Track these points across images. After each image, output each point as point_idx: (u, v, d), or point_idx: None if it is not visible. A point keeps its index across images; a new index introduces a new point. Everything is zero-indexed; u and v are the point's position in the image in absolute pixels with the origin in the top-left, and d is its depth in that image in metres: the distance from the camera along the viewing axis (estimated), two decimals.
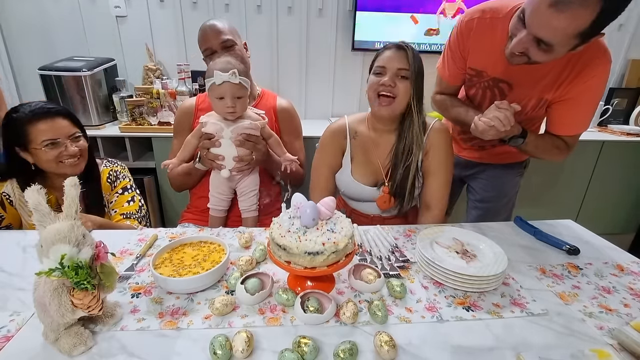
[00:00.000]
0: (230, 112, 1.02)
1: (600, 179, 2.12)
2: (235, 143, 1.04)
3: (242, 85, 1.00)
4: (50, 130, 0.99)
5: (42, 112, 0.99)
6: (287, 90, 2.26)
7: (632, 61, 2.38)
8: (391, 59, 1.00)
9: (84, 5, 2.00)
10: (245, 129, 1.05)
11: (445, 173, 1.10)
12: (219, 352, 0.55)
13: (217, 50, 1.20)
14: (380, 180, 1.12)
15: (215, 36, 1.19)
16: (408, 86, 1.00)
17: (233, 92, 0.99)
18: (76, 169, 1.04)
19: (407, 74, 0.99)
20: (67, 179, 0.58)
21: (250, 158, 1.08)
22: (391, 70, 1.00)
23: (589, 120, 1.08)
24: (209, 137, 1.05)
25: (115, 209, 1.15)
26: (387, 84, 0.99)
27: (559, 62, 0.97)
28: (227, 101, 1.00)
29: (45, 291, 0.54)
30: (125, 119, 1.89)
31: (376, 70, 1.03)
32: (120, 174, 1.19)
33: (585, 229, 1.06)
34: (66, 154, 1.01)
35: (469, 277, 0.72)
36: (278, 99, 1.33)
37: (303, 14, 2.12)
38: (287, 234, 0.68)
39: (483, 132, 1.00)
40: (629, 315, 0.70)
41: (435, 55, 2.24)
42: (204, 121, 1.05)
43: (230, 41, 1.21)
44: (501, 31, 0.98)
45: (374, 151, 1.13)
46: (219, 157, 1.06)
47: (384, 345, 0.57)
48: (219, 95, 1.00)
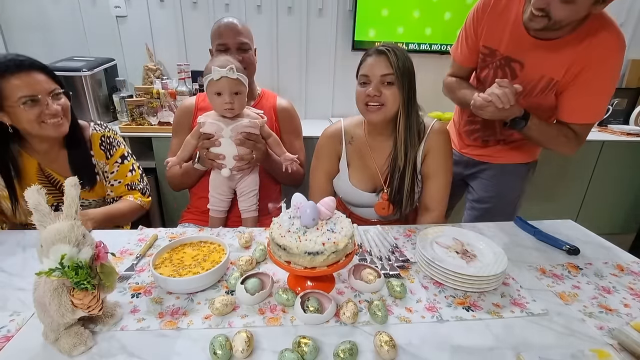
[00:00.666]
0: (229, 109, 1.01)
1: (600, 179, 2.12)
2: (236, 142, 1.04)
3: (240, 81, 1.00)
4: (26, 85, 0.89)
5: (14, 64, 0.89)
6: (287, 90, 2.26)
7: (632, 61, 2.38)
8: (373, 66, 0.97)
9: (84, 5, 2.00)
10: (245, 128, 1.04)
11: (445, 175, 1.08)
12: (219, 352, 0.55)
13: (232, 49, 1.19)
14: (379, 186, 1.11)
15: (234, 35, 1.19)
16: (395, 91, 0.97)
17: (231, 88, 0.99)
18: (60, 130, 0.95)
19: (392, 79, 0.96)
20: (67, 179, 0.58)
21: (250, 157, 1.08)
22: (375, 78, 0.97)
23: (600, 110, 1.06)
24: (208, 137, 1.04)
25: (119, 180, 1.12)
26: (372, 94, 0.97)
27: (571, 41, 0.97)
28: (225, 97, 0.99)
29: (45, 291, 0.54)
30: (125, 119, 1.89)
31: (361, 80, 1.01)
32: (114, 140, 1.13)
33: (585, 229, 1.06)
34: (48, 112, 0.92)
35: (469, 277, 0.72)
36: (278, 99, 1.33)
37: (303, 14, 2.12)
38: (287, 234, 0.68)
39: (481, 107, 1.00)
40: (629, 315, 0.70)
41: (435, 55, 2.25)
42: (201, 121, 1.05)
43: (247, 45, 1.22)
44: (517, 7, 1.00)
45: (370, 156, 1.11)
46: (220, 157, 1.05)
47: (384, 345, 0.57)
48: (217, 91, 0.99)
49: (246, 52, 1.21)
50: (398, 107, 1.00)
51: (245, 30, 1.22)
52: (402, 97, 0.98)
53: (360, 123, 1.15)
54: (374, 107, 0.99)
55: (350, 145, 1.13)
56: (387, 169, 1.09)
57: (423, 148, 1.06)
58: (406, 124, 1.01)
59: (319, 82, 2.29)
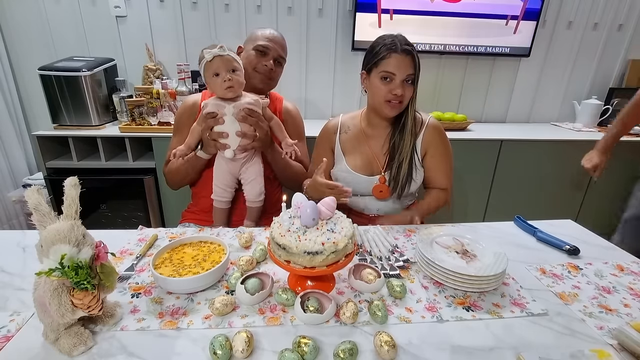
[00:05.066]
0: (228, 87, 1.02)
1: (600, 179, 2.11)
2: (238, 118, 1.05)
3: (232, 58, 1.02)
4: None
5: None
6: (287, 90, 2.26)
7: (632, 61, 2.38)
8: (400, 66, 1.02)
9: (84, 5, 2.00)
10: (247, 104, 1.06)
11: (448, 162, 1.18)
12: (219, 352, 0.55)
13: (269, 56, 1.20)
14: (377, 171, 1.15)
15: (278, 48, 1.21)
16: (412, 88, 1.06)
17: (226, 65, 1.01)
18: None
19: (413, 78, 1.04)
20: (67, 179, 0.58)
21: (253, 134, 1.08)
22: (400, 78, 1.03)
23: None
24: (212, 116, 1.06)
25: None
26: (400, 93, 1.03)
27: None
28: (223, 75, 1.01)
29: (45, 291, 0.54)
30: (125, 119, 1.89)
31: (384, 75, 1.03)
32: None
33: (585, 229, 1.06)
34: None
35: (469, 277, 0.72)
36: (284, 102, 1.34)
37: (303, 14, 2.12)
38: (287, 233, 0.68)
39: None
40: (629, 315, 0.70)
41: (435, 55, 2.25)
42: (205, 104, 1.07)
43: (284, 61, 1.25)
44: None
45: (367, 142, 1.16)
46: (223, 135, 1.06)
47: (384, 345, 0.57)
48: (214, 72, 1.01)
49: (279, 66, 1.24)
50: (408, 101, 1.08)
51: (285, 48, 1.26)
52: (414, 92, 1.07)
53: (357, 115, 1.21)
54: (395, 104, 1.06)
55: (345, 134, 1.19)
56: (386, 154, 1.14)
57: (421, 141, 1.13)
58: (411, 115, 1.10)
59: (319, 82, 2.29)
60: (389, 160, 1.13)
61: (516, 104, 2.48)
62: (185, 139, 1.14)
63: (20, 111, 2.13)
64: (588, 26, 2.31)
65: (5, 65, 2.02)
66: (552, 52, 2.36)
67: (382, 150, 1.15)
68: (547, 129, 2.29)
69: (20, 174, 2.14)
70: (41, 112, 2.11)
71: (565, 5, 2.24)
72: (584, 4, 2.25)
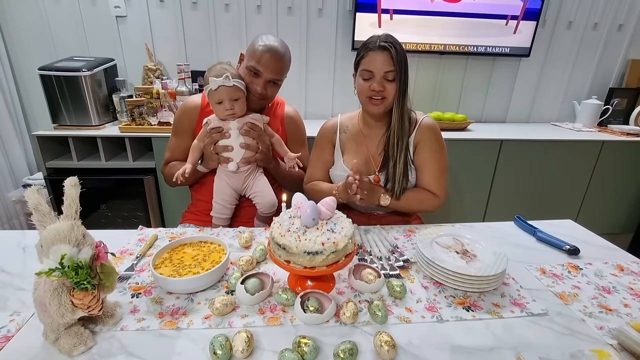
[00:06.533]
0: (230, 114, 1.07)
1: (600, 179, 2.11)
2: (242, 132, 1.09)
3: (237, 87, 1.05)
4: None
5: None
6: (287, 90, 2.24)
7: (632, 61, 2.38)
8: (376, 62, 1.01)
9: (84, 5, 2.00)
10: (250, 119, 1.10)
11: (439, 162, 1.10)
12: (219, 352, 0.55)
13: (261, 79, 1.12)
14: (372, 171, 1.15)
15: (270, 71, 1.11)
16: (395, 84, 1.03)
17: (230, 95, 1.04)
18: None
19: (393, 75, 1.02)
20: (67, 179, 0.58)
21: (256, 147, 1.11)
22: (379, 74, 1.02)
23: None
24: (217, 130, 1.09)
25: None
26: (377, 89, 1.02)
27: None
28: (226, 104, 1.05)
29: (45, 291, 0.54)
30: (125, 119, 1.89)
31: (364, 75, 1.05)
32: None
33: (585, 229, 1.06)
34: None
35: (469, 277, 0.72)
36: (286, 107, 1.33)
37: (303, 14, 2.12)
38: (287, 233, 0.68)
39: None
40: (629, 315, 0.70)
41: (435, 55, 2.25)
42: (207, 121, 1.10)
43: (280, 81, 1.18)
44: None
45: (364, 142, 1.16)
46: (228, 148, 1.09)
47: (384, 345, 0.57)
48: (218, 100, 1.05)
49: (274, 86, 1.16)
50: (394, 98, 1.05)
51: (285, 67, 1.18)
52: (399, 89, 1.03)
53: (355, 115, 1.22)
54: (377, 101, 1.05)
55: (344, 134, 1.19)
56: (381, 155, 1.14)
57: (414, 139, 1.11)
58: (400, 113, 1.06)
59: (319, 82, 2.29)
60: (385, 160, 1.13)
61: (516, 104, 2.48)
62: (184, 142, 1.15)
63: (20, 111, 2.13)
64: (588, 26, 2.31)
65: (5, 65, 2.02)
66: (552, 52, 2.36)
67: (377, 150, 1.15)
68: (547, 129, 2.28)
69: (20, 174, 2.14)
70: (41, 112, 2.11)
71: (565, 5, 2.24)
72: (584, 4, 2.25)
